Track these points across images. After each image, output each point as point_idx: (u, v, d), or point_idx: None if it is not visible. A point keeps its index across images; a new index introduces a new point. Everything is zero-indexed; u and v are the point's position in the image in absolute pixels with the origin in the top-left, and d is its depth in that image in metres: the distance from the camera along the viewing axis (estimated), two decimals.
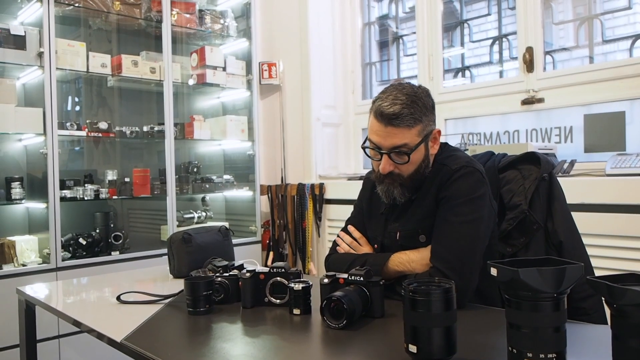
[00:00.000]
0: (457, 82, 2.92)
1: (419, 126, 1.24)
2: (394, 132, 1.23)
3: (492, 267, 0.76)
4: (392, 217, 1.37)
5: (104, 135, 2.79)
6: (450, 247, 1.21)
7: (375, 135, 1.26)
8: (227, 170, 3.51)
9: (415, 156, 1.26)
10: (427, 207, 1.28)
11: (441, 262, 1.20)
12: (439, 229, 1.24)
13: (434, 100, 1.30)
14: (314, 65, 3.18)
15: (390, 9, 3.29)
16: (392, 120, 1.22)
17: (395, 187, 1.29)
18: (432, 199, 1.28)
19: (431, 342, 0.83)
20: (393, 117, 1.21)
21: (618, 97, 2.17)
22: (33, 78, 2.67)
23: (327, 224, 3.04)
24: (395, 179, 1.28)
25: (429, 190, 1.29)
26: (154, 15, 2.92)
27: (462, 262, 1.19)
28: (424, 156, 1.28)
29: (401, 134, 1.23)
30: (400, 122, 1.22)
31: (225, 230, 1.90)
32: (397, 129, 1.22)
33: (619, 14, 2.35)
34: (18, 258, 2.47)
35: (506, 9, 2.73)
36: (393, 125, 1.22)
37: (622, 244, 1.84)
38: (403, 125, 1.22)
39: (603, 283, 0.70)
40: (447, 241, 1.22)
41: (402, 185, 1.29)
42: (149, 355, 0.98)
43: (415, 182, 1.30)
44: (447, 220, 1.23)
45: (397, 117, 1.21)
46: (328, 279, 1.17)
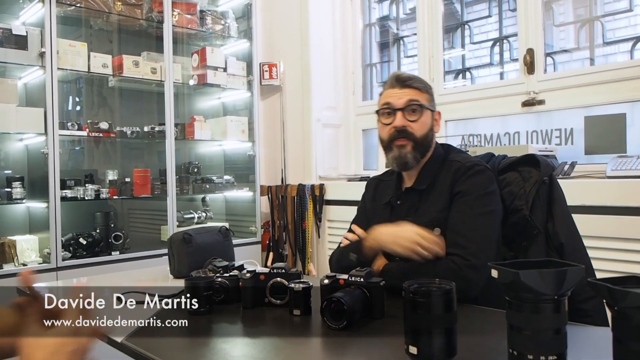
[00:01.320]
0: (457, 84, 2.92)
1: (427, 95, 1.40)
2: (409, 91, 1.37)
3: (493, 268, 0.76)
4: (400, 209, 1.40)
5: (104, 135, 2.79)
6: (468, 236, 1.25)
7: (390, 97, 1.38)
8: (228, 170, 3.51)
9: (424, 118, 1.37)
10: (442, 201, 1.33)
11: (461, 249, 1.24)
12: (455, 221, 1.29)
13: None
14: (315, 66, 3.18)
15: (390, 10, 3.29)
16: (407, 81, 1.38)
17: (408, 150, 1.36)
18: (446, 194, 1.33)
19: (432, 344, 0.83)
20: (408, 79, 1.38)
21: (619, 99, 2.17)
22: (34, 78, 2.67)
23: (327, 224, 3.04)
24: (408, 137, 1.36)
25: (442, 185, 1.34)
26: (155, 15, 2.92)
27: (481, 248, 1.24)
28: (430, 124, 1.39)
29: (414, 93, 1.37)
30: (414, 83, 1.38)
31: (226, 231, 1.90)
32: (411, 89, 1.37)
33: (619, 16, 2.35)
34: (18, 257, 2.47)
35: (507, 10, 2.73)
36: (408, 86, 1.37)
37: (622, 246, 1.84)
38: (416, 86, 1.38)
39: (604, 285, 0.70)
40: (465, 231, 1.26)
41: (414, 148, 1.36)
42: (149, 355, 0.98)
43: (425, 148, 1.38)
44: (463, 212, 1.29)
45: (412, 79, 1.39)
46: (328, 279, 1.17)
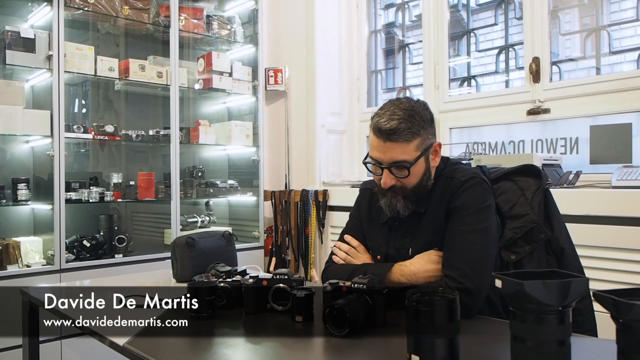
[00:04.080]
0: (462, 91, 2.92)
1: (418, 140, 1.26)
2: (393, 147, 1.25)
3: (497, 278, 0.76)
4: (399, 230, 1.37)
5: (110, 138, 2.81)
6: (462, 256, 1.23)
7: (375, 150, 1.28)
8: (231, 175, 3.51)
9: (416, 169, 1.28)
10: (438, 221, 1.30)
11: (454, 271, 1.22)
12: (451, 239, 1.26)
13: (432, 114, 1.32)
14: (320, 72, 3.19)
15: (396, 17, 3.30)
16: (390, 135, 1.24)
17: (398, 200, 1.30)
18: (443, 212, 1.30)
19: (434, 353, 0.82)
20: (391, 132, 1.24)
21: (624, 108, 2.16)
22: (41, 81, 2.69)
23: (330, 230, 3.04)
24: (397, 192, 1.30)
25: (439, 204, 1.31)
26: (162, 20, 2.94)
27: (474, 269, 1.21)
28: (424, 169, 1.30)
29: (400, 149, 1.25)
30: (399, 137, 1.24)
31: (229, 236, 1.90)
32: (396, 144, 1.25)
33: (625, 26, 2.34)
34: (22, 259, 2.48)
35: (513, 18, 2.73)
36: (391, 140, 1.24)
37: (627, 256, 1.82)
38: (401, 140, 1.24)
39: (609, 297, 0.69)
40: (458, 250, 1.24)
41: (405, 198, 1.30)
42: (151, 359, 0.98)
43: (418, 195, 1.31)
44: (457, 230, 1.26)
45: (395, 132, 1.24)
46: (331, 286, 1.16)
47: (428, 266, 1.27)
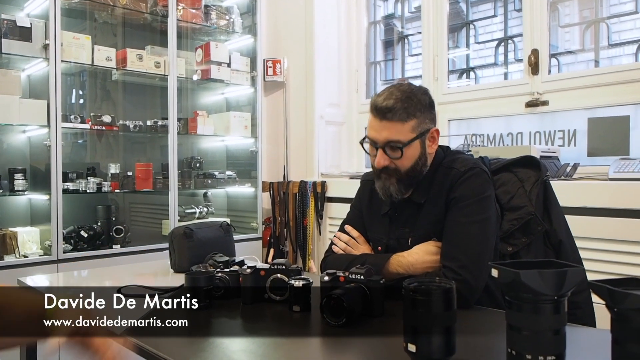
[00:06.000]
0: (461, 83, 2.91)
1: (413, 121, 1.26)
2: (387, 125, 1.25)
3: (494, 268, 0.76)
4: (399, 220, 1.37)
5: (107, 128, 2.79)
6: (460, 247, 1.23)
7: (371, 129, 1.29)
8: (230, 166, 3.51)
9: (410, 152, 1.28)
10: (438, 211, 1.30)
11: (453, 262, 1.22)
12: (449, 230, 1.26)
13: (432, 100, 1.31)
14: (319, 63, 3.18)
15: (396, 9, 3.28)
16: (385, 113, 1.25)
17: (392, 183, 1.30)
18: (442, 202, 1.29)
19: (430, 342, 0.83)
20: (386, 110, 1.24)
21: (623, 101, 2.16)
22: (38, 70, 2.67)
23: (328, 222, 3.04)
24: (391, 174, 1.30)
25: (439, 194, 1.30)
26: (160, 9, 2.92)
27: (472, 261, 1.21)
28: (419, 153, 1.30)
29: (394, 128, 1.25)
30: (393, 115, 1.24)
31: (227, 226, 1.90)
32: (390, 123, 1.25)
33: (625, 18, 2.34)
34: (19, 249, 2.48)
35: (512, 10, 2.72)
36: (387, 119, 1.25)
37: (624, 248, 1.84)
38: (396, 119, 1.25)
39: (604, 287, 0.70)
40: (457, 241, 1.24)
41: (399, 181, 1.30)
42: (148, 348, 0.98)
43: (412, 179, 1.31)
44: (457, 221, 1.26)
45: (390, 110, 1.24)
46: (328, 276, 1.17)
47: (426, 257, 1.27)
